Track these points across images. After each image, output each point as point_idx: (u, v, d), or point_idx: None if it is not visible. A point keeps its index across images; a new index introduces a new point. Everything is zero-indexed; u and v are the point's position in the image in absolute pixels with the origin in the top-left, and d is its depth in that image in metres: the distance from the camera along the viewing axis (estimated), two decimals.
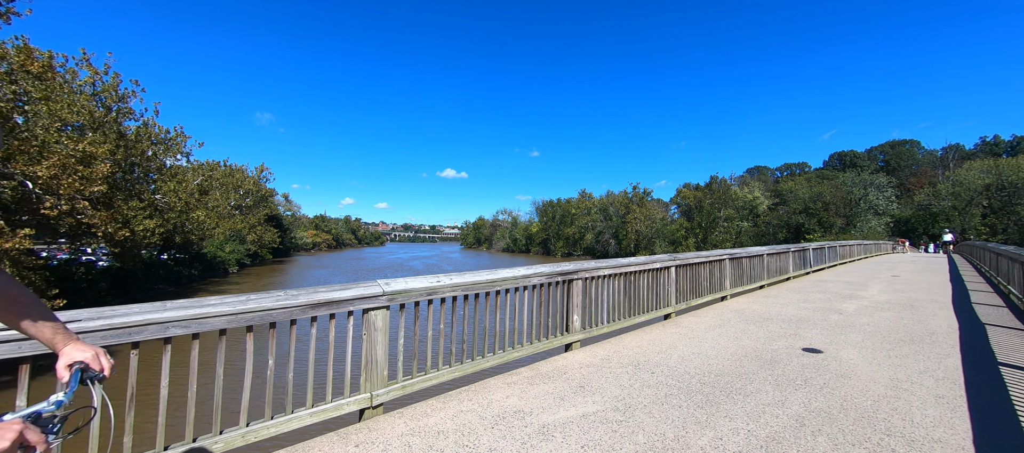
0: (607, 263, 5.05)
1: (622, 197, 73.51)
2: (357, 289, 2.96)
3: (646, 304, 5.70)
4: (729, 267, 7.86)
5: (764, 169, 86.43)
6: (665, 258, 6.04)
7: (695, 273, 6.83)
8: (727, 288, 7.78)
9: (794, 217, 61.33)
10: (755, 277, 8.92)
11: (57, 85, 20.64)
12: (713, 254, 7.33)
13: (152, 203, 24.89)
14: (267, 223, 51.48)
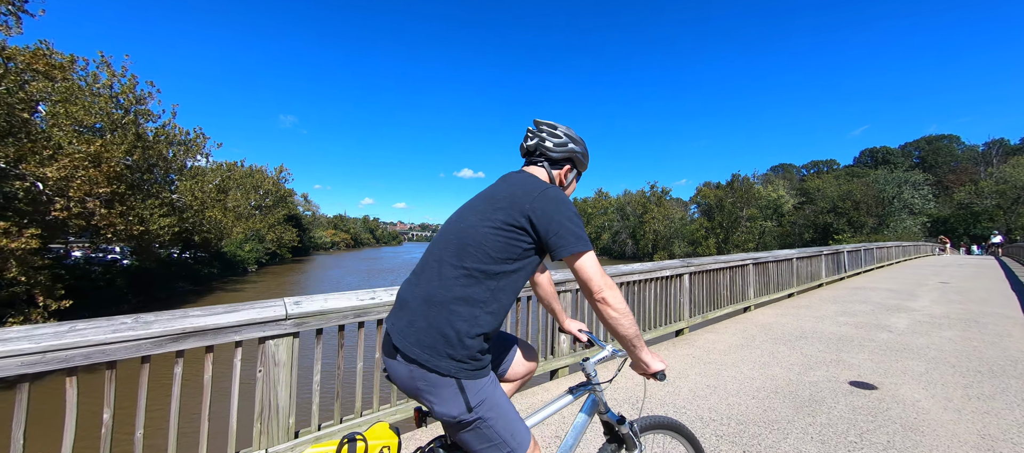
0: None
1: (639, 196, 71.71)
2: (248, 311, 2.20)
3: (653, 318, 4.80)
4: (753, 273, 6.85)
5: (789, 167, 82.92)
6: (677, 264, 5.12)
7: (713, 281, 5.87)
8: (751, 297, 6.76)
9: (822, 216, 58.47)
10: (783, 284, 7.84)
11: (74, 87, 20.98)
12: (734, 258, 6.34)
13: (169, 202, 25.12)
14: (286, 223, 52.11)
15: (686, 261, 5.32)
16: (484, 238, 1.19)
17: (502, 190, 1.29)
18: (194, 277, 31.28)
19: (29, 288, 11.91)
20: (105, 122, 21.87)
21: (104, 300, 21.15)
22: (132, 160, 23.32)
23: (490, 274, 1.18)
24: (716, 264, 5.86)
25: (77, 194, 13.24)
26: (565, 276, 3.79)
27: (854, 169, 75.74)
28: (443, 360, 1.11)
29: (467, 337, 1.13)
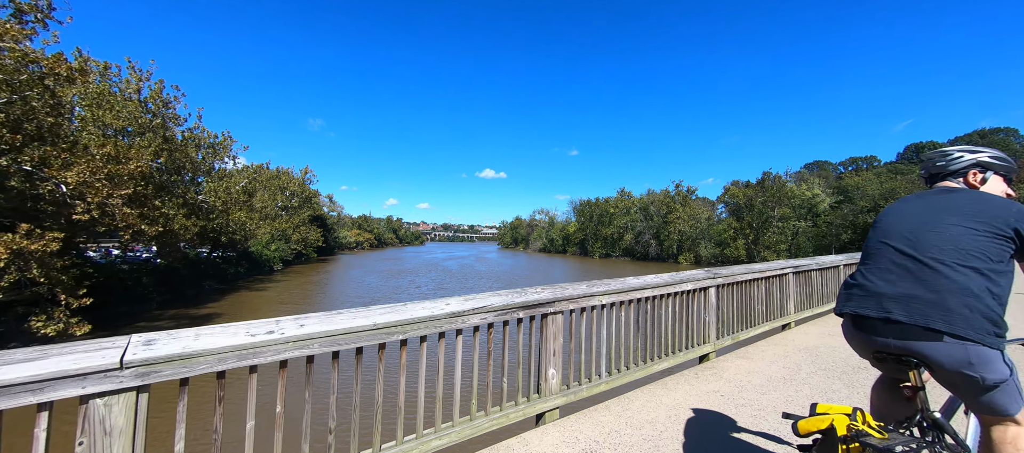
0: (603, 287, 3.33)
1: (663, 196, 69.44)
2: (59, 358, 1.52)
3: (670, 342, 3.92)
4: (793, 284, 5.81)
5: (825, 164, 78.49)
6: (701, 275, 4.21)
7: (745, 294, 4.90)
8: (791, 312, 5.72)
9: (861, 216, 54.86)
10: (829, 295, 6.73)
11: (106, 91, 21.60)
12: (771, 267, 5.34)
13: (195, 203, 25.63)
14: (311, 223, 53.04)
15: (712, 271, 4.40)
16: (981, 244, 1.47)
17: (971, 205, 1.56)
18: (221, 276, 31.98)
19: (51, 287, 12.01)
20: (134, 125, 22.44)
21: (130, 299, 21.67)
22: (160, 162, 23.90)
23: (997, 272, 1.45)
24: (749, 274, 4.89)
25: (95, 197, 13.31)
26: (552, 294, 2.99)
27: (897, 166, 70.88)
28: (991, 338, 1.38)
29: (1000, 319, 1.41)
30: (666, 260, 67.19)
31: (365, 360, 2.22)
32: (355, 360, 2.20)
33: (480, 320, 2.66)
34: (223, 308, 22.57)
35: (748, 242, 59.72)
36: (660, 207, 68.65)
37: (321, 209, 63.09)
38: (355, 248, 77.04)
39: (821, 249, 57.43)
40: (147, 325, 19.21)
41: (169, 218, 22.02)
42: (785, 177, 62.63)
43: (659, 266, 58.88)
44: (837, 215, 56.20)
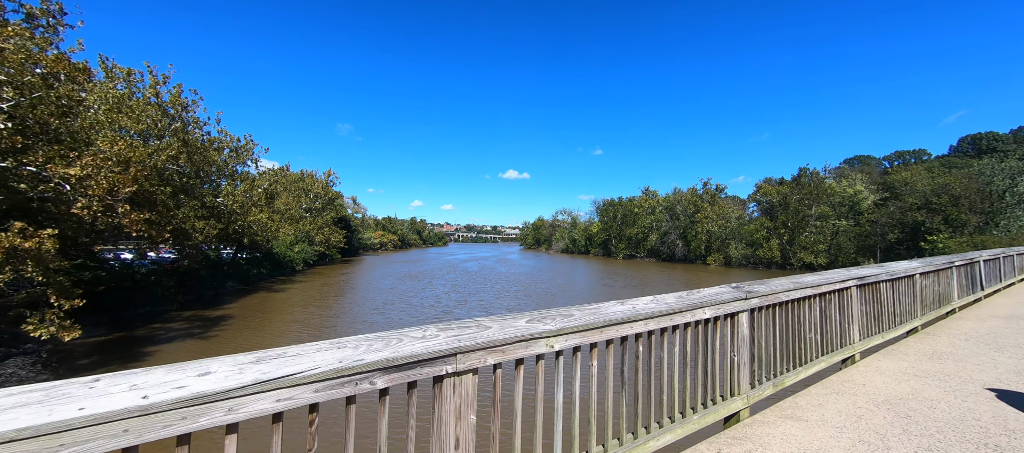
0: (559, 322, 2.00)
1: (690, 194, 66.26)
2: None
3: (679, 397, 2.54)
4: (857, 301, 4.25)
5: (867, 159, 72.86)
6: (727, 295, 2.81)
7: (792, 318, 3.43)
8: (854, 340, 4.17)
9: (910, 214, 50.41)
10: (902, 314, 5.08)
11: (126, 95, 21.82)
12: (828, 279, 3.82)
13: (213, 206, 25.70)
14: (335, 225, 53.47)
15: (743, 288, 2.97)
16: None
17: None
18: (243, 277, 32.23)
19: (44, 288, 11.67)
20: (153, 129, 22.58)
21: (151, 300, 21.77)
22: (180, 165, 24.02)
23: None
24: (797, 290, 3.41)
25: (96, 193, 12.97)
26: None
27: (950, 159, 64.82)
28: None
29: None
30: (693, 261, 63.96)
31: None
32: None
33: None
34: (239, 310, 22.35)
35: (783, 242, 55.94)
36: (687, 206, 65.51)
37: (345, 211, 63.77)
38: (379, 249, 77.69)
39: (864, 250, 52.97)
40: (162, 326, 19.08)
41: (183, 220, 22.01)
42: (824, 173, 58.38)
43: (686, 268, 55.92)
44: (882, 213, 51.76)
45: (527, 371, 1.91)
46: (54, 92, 13.85)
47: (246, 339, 15.68)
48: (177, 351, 14.76)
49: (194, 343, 15.66)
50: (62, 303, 11.60)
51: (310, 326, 17.62)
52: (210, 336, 16.49)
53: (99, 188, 12.99)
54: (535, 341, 1.88)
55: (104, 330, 18.28)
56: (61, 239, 15.95)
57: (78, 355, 15.14)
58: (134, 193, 17.10)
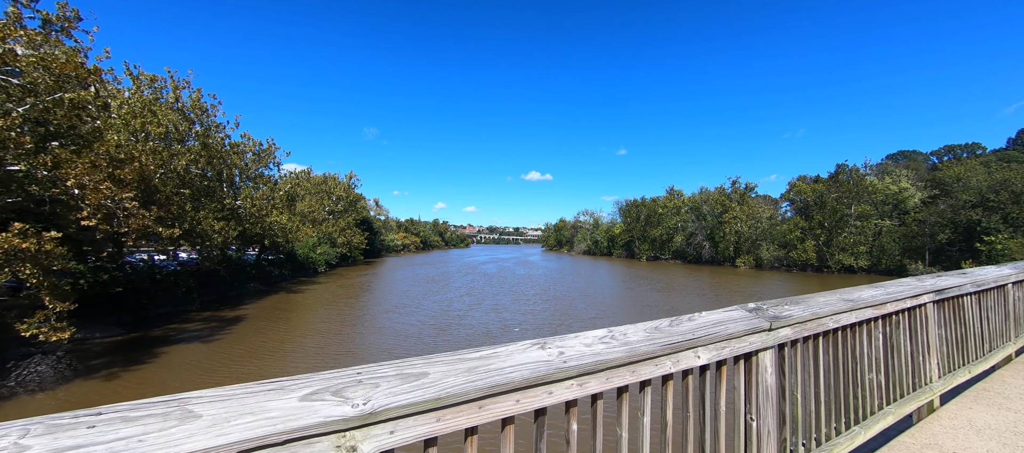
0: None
1: (718, 194, 63.23)
2: None
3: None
4: (934, 320, 3.03)
5: (914, 154, 67.47)
6: (738, 320, 1.75)
7: (839, 355, 2.30)
8: (933, 377, 2.96)
9: (963, 213, 46.12)
10: (993, 337, 3.77)
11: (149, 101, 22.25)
12: (893, 293, 2.66)
13: (232, 208, 25.99)
14: (358, 226, 53.97)
15: (769, 314, 1.89)
16: None
17: None
18: (265, 278, 32.63)
19: (39, 290, 11.58)
20: (173, 133, 22.94)
21: (171, 301, 22.07)
22: (200, 168, 24.36)
23: None
24: (850, 310, 2.28)
25: (94, 198, 12.89)
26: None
27: (1009, 152, 59.09)
28: None
29: None
30: (721, 263, 60.90)
31: None
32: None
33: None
34: (255, 311, 22.35)
35: (819, 244, 52.36)
36: (714, 206, 62.53)
37: (367, 213, 64.46)
38: (401, 251, 78.26)
39: (910, 252, 48.80)
40: (179, 326, 19.18)
41: (200, 221, 22.21)
42: (864, 170, 54.33)
43: (713, 270, 53.22)
44: (931, 212, 47.57)
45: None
46: (66, 95, 13.94)
47: (249, 343, 15.35)
48: (184, 352, 14.59)
49: (201, 345, 15.49)
50: (54, 305, 11.47)
51: (317, 331, 17.19)
52: (217, 339, 16.31)
53: (100, 195, 12.90)
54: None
55: (123, 330, 18.50)
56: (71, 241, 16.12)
57: (93, 355, 15.19)
58: (142, 192, 17.21)
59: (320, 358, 12.99)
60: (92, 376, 12.00)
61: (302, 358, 13.09)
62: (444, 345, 14.08)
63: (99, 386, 11.14)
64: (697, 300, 24.94)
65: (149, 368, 12.69)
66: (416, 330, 16.30)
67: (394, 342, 14.36)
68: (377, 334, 15.82)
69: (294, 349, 14.21)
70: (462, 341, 14.59)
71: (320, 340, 15.38)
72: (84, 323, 18.52)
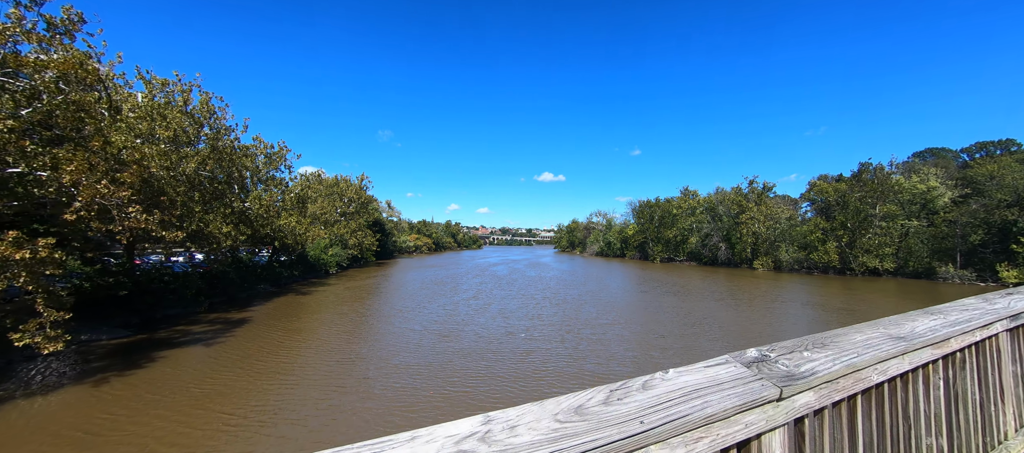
0: None
1: (734, 194, 61.31)
2: None
3: None
4: (1009, 355, 2.28)
5: (942, 151, 64.21)
6: (725, 384, 1.09)
7: (884, 417, 1.60)
8: (1008, 433, 2.21)
9: (998, 212, 43.50)
10: None
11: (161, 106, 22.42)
12: (953, 320, 1.93)
13: (241, 210, 26.04)
14: (370, 228, 54.09)
15: (778, 370, 1.21)
16: None
17: None
18: (275, 280, 32.74)
19: (34, 298, 11.43)
20: (182, 136, 23.04)
21: (179, 302, 22.14)
22: (209, 171, 24.43)
23: None
24: (899, 353, 1.58)
25: (87, 195, 12.74)
26: None
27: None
28: None
29: None
30: (738, 265, 58.98)
31: None
32: None
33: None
34: (262, 313, 22.23)
35: (841, 245, 50.13)
36: (730, 206, 60.64)
37: (379, 214, 64.65)
38: (414, 252, 78.39)
39: (940, 254, 46.25)
40: (185, 328, 19.12)
41: (208, 223, 22.23)
42: (889, 168, 51.86)
43: (730, 272, 51.51)
44: (963, 212, 44.98)
45: None
46: (68, 96, 13.91)
47: (246, 348, 15.08)
48: (181, 356, 14.39)
49: (201, 349, 15.29)
50: (49, 313, 11.28)
51: (316, 337, 16.87)
52: (218, 342, 16.12)
53: (92, 192, 12.76)
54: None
55: (130, 331, 18.53)
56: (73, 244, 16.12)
57: (95, 357, 15.13)
58: (145, 195, 17.17)
59: (313, 368, 12.58)
60: (84, 380, 11.82)
61: (293, 368, 12.71)
62: (445, 353, 13.52)
63: (84, 393, 10.91)
64: (714, 305, 23.83)
65: (141, 374, 12.46)
66: (416, 336, 15.80)
67: (391, 350, 13.85)
68: (375, 341, 15.34)
69: (288, 356, 13.84)
70: (464, 350, 13.99)
71: (317, 346, 15.02)
72: (92, 325, 18.67)
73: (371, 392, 10.09)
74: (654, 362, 12.24)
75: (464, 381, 10.76)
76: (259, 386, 10.94)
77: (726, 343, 14.94)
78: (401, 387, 10.36)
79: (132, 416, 9.41)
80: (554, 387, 10.30)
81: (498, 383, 10.66)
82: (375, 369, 11.69)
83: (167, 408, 9.77)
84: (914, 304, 25.86)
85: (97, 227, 13.69)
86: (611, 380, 5.06)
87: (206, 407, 9.77)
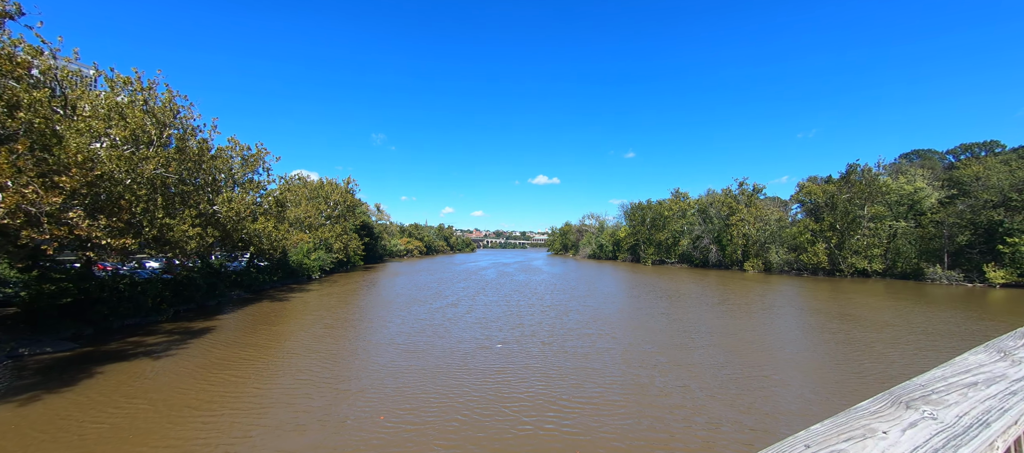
0: None
1: (724, 195, 60.49)
2: None
3: None
4: None
5: (929, 153, 63.99)
6: None
7: None
8: None
9: (984, 213, 43.00)
10: None
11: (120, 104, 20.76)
12: None
13: (209, 213, 24.35)
14: (357, 232, 52.37)
15: None
16: None
17: None
18: (251, 286, 31.02)
19: None
20: (142, 136, 21.36)
21: (139, 310, 20.42)
22: (171, 172, 22.73)
23: None
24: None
25: (10, 201, 11.16)
26: None
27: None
28: None
29: None
30: (729, 267, 58.08)
31: None
32: None
33: None
34: (229, 322, 20.59)
35: (830, 246, 49.39)
36: (721, 208, 59.80)
37: (367, 218, 62.91)
38: (404, 256, 76.60)
39: (928, 255, 45.64)
40: (140, 339, 17.45)
41: (171, 228, 20.56)
42: (877, 169, 51.29)
43: (720, 274, 50.52)
44: (949, 212, 44.42)
45: None
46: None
47: (191, 363, 13.47)
48: (122, 371, 12.75)
49: (147, 362, 13.67)
50: None
51: (267, 351, 15.31)
52: (169, 354, 14.49)
53: (12, 199, 11.19)
54: None
55: (79, 343, 16.82)
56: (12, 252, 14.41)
57: (28, 373, 13.42)
58: (91, 199, 15.55)
59: (247, 394, 11.04)
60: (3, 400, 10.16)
61: (225, 394, 11.16)
62: (404, 374, 12.05)
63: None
64: (706, 313, 22.58)
65: (64, 394, 10.82)
66: (379, 353, 14.28)
67: (345, 371, 12.19)
68: (331, 359, 13.60)
69: (226, 378, 12.27)
70: (429, 369, 12.53)
71: (265, 364, 13.46)
72: (34, 336, 16.92)
73: (299, 424, 8.59)
74: (641, 385, 10.87)
75: (418, 410, 9.31)
76: (176, 418, 9.41)
77: (723, 358, 13.64)
78: (337, 419, 8.86)
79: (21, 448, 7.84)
80: (522, 422, 8.89)
81: (453, 415, 9.23)
82: (318, 395, 10.16)
83: (62, 440, 8.21)
84: (905, 306, 24.85)
85: (27, 236, 12.05)
86: (590, 412, 3.47)
87: (107, 442, 8.22)
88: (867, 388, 10.72)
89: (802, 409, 9.45)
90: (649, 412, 9.08)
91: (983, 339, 15.94)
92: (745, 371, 11.95)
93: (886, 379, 11.45)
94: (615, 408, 9.26)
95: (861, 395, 10.31)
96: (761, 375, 11.61)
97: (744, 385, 10.74)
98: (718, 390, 10.37)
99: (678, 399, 9.78)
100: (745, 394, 10.08)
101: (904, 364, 13.01)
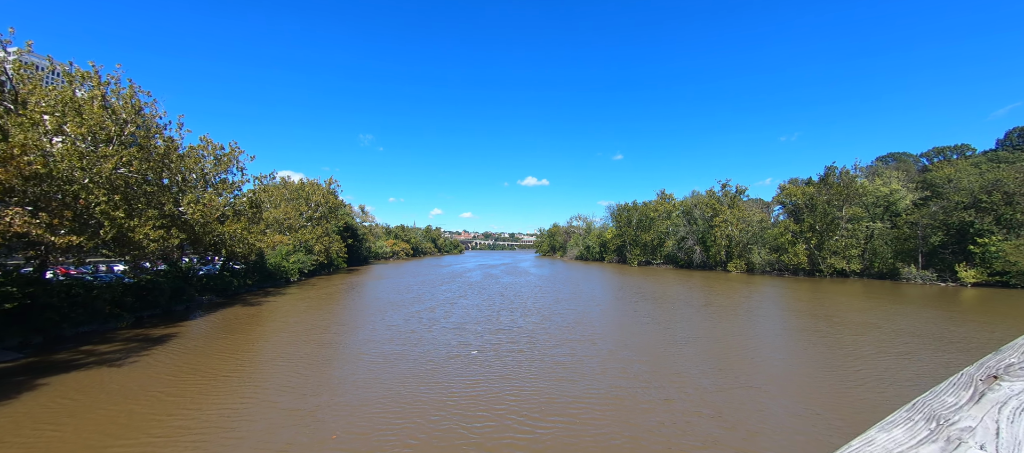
0: None
1: (708, 197, 60.68)
2: None
3: None
4: None
5: (904, 156, 65.30)
6: None
7: None
8: None
9: (955, 214, 43.74)
10: None
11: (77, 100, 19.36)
12: None
13: (173, 214, 22.95)
14: (339, 233, 50.89)
15: None
16: None
17: None
18: (223, 290, 29.55)
19: None
20: (99, 134, 19.95)
21: (93, 317, 18.99)
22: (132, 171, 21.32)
23: None
24: None
25: None
26: None
27: (999, 153, 57.02)
28: None
29: None
30: (713, 268, 58.24)
31: None
32: None
33: None
34: (189, 330, 19.28)
35: (810, 247, 49.80)
36: (705, 210, 59.98)
37: (351, 219, 61.32)
38: (390, 257, 75.01)
39: (903, 255, 46.34)
40: (93, 348, 16.09)
41: (131, 229, 19.20)
42: (854, 171, 51.97)
43: (705, 275, 50.52)
44: (923, 214, 45.14)
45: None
46: None
47: (136, 376, 12.29)
48: (67, 383, 11.50)
49: (92, 373, 12.44)
50: None
51: (225, 363, 14.21)
52: (116, 365, 13.25)
53: None
54: None
55: (25, 353, 15.43)
56: None
57: None
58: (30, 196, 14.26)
59: (192, 414, 9.99)
60: None
61: (174, 403, 10.10)
62: (370, 388, 11.14)
63: None
64: (692, 314, 22.09)
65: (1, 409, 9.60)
66: (345, 365, 13.30)
67: (305, 386, 11.02)
68: (292, 373, 12.38)
69: (171, 394, 11.16)
70: (397, 379, 11.64)
71: (220, 378, 12.38)
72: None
73: (241, 449, 7.63)
74: (621, 399, 10.16)
75: (373, 432, 8.43)
76: (91, 445, 8.35)
77: (708, 365, 13.04)
78: (278, 446, 7.91)
79: None
80: (487, 447, 8.09)
81: (413, 434, 8.38)
82: (261, 416, 9.16)
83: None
84: (881, 305, 24.84)
85: None
86: (566, 434, 2.50)
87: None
88: (858, 402, 10.22)
89: (790, 426, 8.87)
90: (628, 431, 8.38)
91: (963, 342, 15.71)
92: (730, 380, 11.38)
93: (876, 390, 10.99)
94: (595, 426, 8.54)
95: (854, 411, 9.78)
96: (748, 386, 11.04)
97: (730, 397, 10.15)
98: (702, 404, 9.75)
99: (661, 416, 9.11)
100: (730, 409, 9.46)
101: (896, 370, 12.60)
